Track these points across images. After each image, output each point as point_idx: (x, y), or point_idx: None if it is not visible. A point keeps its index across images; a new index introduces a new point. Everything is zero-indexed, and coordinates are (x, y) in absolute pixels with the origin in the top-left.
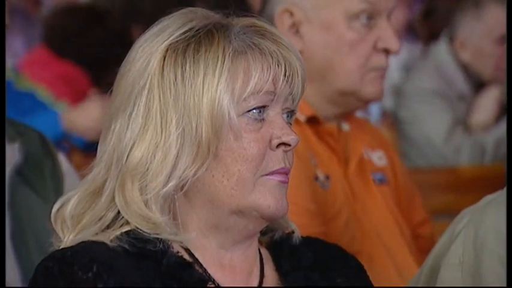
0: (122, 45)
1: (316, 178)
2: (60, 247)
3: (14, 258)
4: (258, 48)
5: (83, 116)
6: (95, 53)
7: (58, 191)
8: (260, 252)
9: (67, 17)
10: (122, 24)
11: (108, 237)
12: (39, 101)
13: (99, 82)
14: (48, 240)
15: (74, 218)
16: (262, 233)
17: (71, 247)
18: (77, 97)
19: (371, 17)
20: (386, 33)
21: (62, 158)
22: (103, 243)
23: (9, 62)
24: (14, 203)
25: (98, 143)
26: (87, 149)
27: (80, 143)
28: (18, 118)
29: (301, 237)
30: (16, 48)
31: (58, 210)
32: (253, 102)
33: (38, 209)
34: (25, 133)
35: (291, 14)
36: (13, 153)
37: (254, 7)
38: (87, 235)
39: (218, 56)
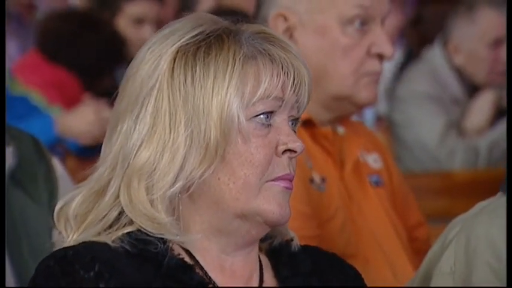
0: (115, 52)
1: (312, 180)
2: (63, 246)
3: (8, 261)
4: (268, 54)
5: (77, 120)
6: (88, 59)
7: (52, 194)
8: (259, 259)
9: (61, 22)
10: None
11: (110, 238)
12: (33, 105)
13: (90, 88)
14: (41, 243)
15: (78, 217)
16: (262, 239)
17: (73, 246)
18: (68, 102)
19: (365, 22)
20: (380, 38)
21: (55, 162)
22: (105, 244)
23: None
24: (8, 206)
25: (92, 147)
26: (82, 153)
27: (74, 148)
28: (12, 122)
29: (300, 245)
30: (10, 52)
31: (61, 208)
32: (261, 107)
33: (31, 213)
34: (18, 137)
35: (285, 18)
36: (7, 157)
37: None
38: (90, 235)
39: (229, 60)
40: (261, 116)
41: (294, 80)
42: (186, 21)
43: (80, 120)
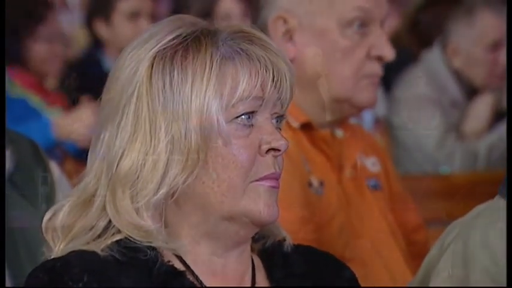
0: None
1: (310, 184)
2: (51, 257)
3: (5, 265)
4: (246, 53)
5: (76, 123)
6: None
7: (49, 198)
8: (252, 260)
9: None
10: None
11: (99, 247)
12: (32, 107)
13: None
14: (39, 247)
15: (65, 228)
16: (254, 240)
17: (62, 257)
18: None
19: (364, 24)
20: (380, 40)
21: (53, 166)
22: (94, 253)
23: None
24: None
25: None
26: (80, 156)
27: (73, 150)
28: (11, 125)
29: (293, 245)
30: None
31: (49, 219)
32: (241, 108)
33: (29, 217)
34: (16, 140)
35: (285, 21)
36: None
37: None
38: (78, 244)
39: (206, 63)
40: (242, 116)
41: (273, 77)
42: (164, 25)
43: (78, 122)
